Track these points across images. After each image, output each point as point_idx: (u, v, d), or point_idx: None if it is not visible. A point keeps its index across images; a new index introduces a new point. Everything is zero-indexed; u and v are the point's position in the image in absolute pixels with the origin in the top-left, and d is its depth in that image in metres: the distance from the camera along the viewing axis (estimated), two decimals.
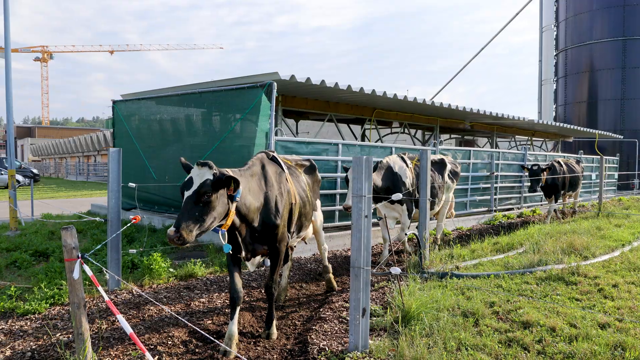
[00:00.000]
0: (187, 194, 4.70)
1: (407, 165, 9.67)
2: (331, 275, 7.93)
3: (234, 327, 5.37)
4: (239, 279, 5.57)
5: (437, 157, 10.94)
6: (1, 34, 13.47)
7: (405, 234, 9.66)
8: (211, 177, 4.66)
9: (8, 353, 5.22)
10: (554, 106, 44.98)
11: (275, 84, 9.74)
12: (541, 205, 19.77)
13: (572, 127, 25.34)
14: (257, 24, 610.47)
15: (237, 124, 10.68)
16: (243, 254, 5.52)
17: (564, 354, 5.07)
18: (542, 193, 19.95)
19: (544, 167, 15.16)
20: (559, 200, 16.78)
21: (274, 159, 6.30)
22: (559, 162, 16.01)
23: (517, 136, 28.04)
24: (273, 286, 5.84)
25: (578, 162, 17.47)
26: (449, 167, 10.87)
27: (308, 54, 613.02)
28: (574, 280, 7.79)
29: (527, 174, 15.86)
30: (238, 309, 5.50)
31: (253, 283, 8.15)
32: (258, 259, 5.80)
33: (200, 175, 4.67)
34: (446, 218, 11.84)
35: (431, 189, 9.35)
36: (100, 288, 4.12)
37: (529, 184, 15.50)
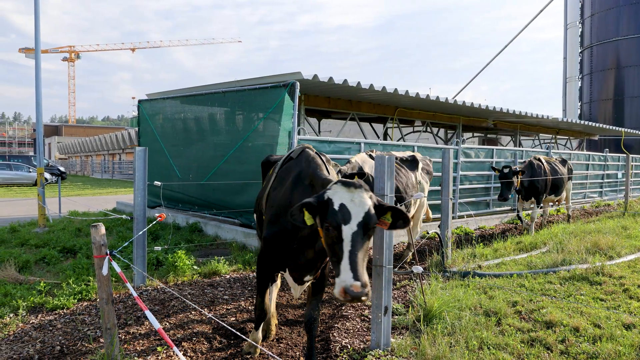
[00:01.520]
0: (351, 229, 3.53)
1: None
2: None
3: (259, 334, 5.35)
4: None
5: (408, 154, 9.83)
6: (32, 35, 13.71)
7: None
8: (372, 204, 3.68)
9: (38, 346, 5.35)
10: (579, 104, 44.49)
11: (298, 83, 9.80)
12: (559, 205, 19.57)
13: (597, 125, 25.02)
14: (279, 23, 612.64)
15: (260, 123, 10.76)
16: (298, 275, 4.69)
17: (588, 354, 5.06)
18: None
19: (517, 169, 12.45)
20: (550, 204, 15.72)
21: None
22: (539, 160, 13.56)
23: (541, 134, 27.77)
24: (317, 319, 4.80)
25: (563, 162, 14.87)
26: (420, 165, 9.84)
27: (330, 52, 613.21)
28: (598, 280, 7.74)
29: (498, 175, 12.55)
30: (263, 324, 5.46)
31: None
32: (308, 283, 4.93)
33: (359, 203, 3.60)
34: (423, 222, 10.88)
35: (403, 191, 8.47)
36: (128, 284, 4.23)
37: (499, 190, 12.51)
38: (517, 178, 12.38)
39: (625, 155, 21.74)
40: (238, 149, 11.25)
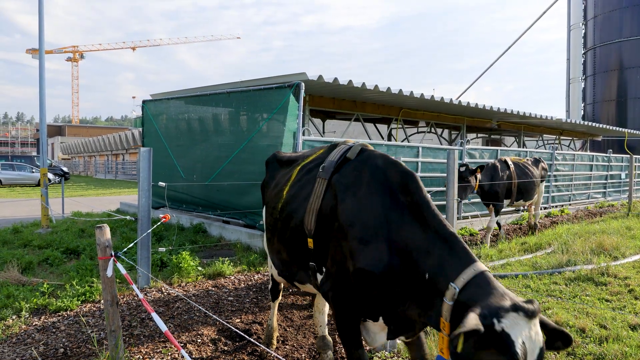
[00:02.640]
0: None
1: None
2: None
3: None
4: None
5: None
6: (36, 35, 13.71)
7: None
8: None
9: (42, 349, 5.32)
10: (582, 105, 44.45)
11: (303, 84, 9.77)
12: (570, 204, 19.53)
13: (600, 125, 24.97)
14: (283, 23, 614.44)
15: (265, 123, 10.73)
16: (394, 329, 3.52)
17: (594, 355, 5.02)
18: (561, 192, 19.68)
19: (474, 167, 11.10)
20: (515, 211, 15.04)
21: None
22: (504, 162, 12.00)
23: (544, 135, 27.72)
24: None
25: (536, 162, 13.14)
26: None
27: (334, 53, 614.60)
28: (603, 281, 7.70)
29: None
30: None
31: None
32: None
33: (536, 339, 2.57)
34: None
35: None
36: (134, 286, 4.19)
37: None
38: (475, 179, 11.10)
39: (628, 155, 21.67)
40: (242, 149, 11.22)
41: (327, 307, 4.96)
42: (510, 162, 12.11)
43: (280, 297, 5.52)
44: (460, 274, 2.80)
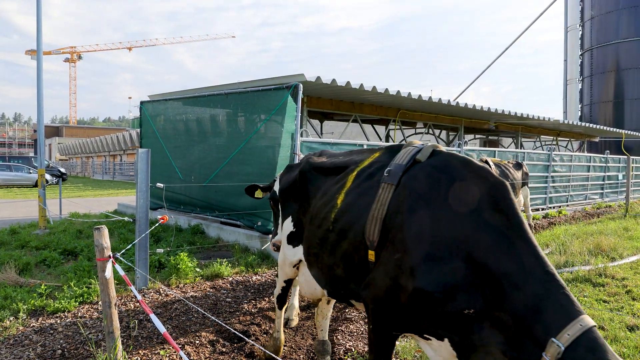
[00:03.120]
0: None
1: None
2: None
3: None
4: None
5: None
6: (34, 36, 13.69)
7: None
8: None
9: (39, 350, 5.30)
10: (580, 106, 44.53)
11: (301, 85, 9.77)
12: (567, 205, 19.56)
13: (598, 127, 25.05)
14: (282, 25, 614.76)
15: (263, 124, 10.73)
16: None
17: None
18: (559, 193, 19.68)
19: None
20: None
21: None
22: (486, 162, 11.27)
23: (542, 136, 27.76)
24: None
25: (518, 166, 13.01)
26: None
27: (333, 54, 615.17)
28: (601, 282, 7.72)
29: None
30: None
31: None
32: None
33: None
34: None
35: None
36: (132, 287, 4.19)
37: None
38: None
39: (625, 156, 21.72)
40: (240, 150, 11.22)
41: (330, 312, 4.93)
42: (491, 163, 11.72)
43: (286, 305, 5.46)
44: (565, 328, 2.41)
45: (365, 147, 11.70)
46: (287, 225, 4.61)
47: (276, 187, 5.36)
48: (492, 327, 2.67)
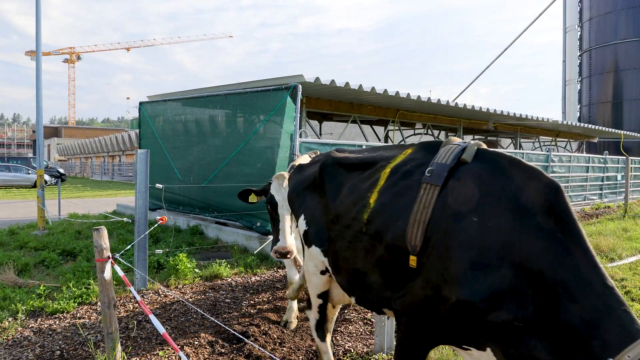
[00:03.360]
0: None
1: None
2: None
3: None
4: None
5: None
6: (34, 37, 13.70)
7: None
8: None
9: (38, 351, 5.30)
10: (578, 106, 44.57)
11: (300, 86, 9.77)
12: None
13: (596, 127, 25.08)
14: (281, 25, 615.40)
15: (262, 125, 10.73)
16: None
17: None
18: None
19: None
20: None
21: None
22: None
23: (541, 137, 27.79)
24: None
25: None
26: None
27: (332, 54, 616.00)
28: None
29: None
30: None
31: (277, 284, 8.19)
32: None
33: None
34: None
35: None
36: (131, 288, 4.19)
37: None
38: None
39: (624, 157, 21.73)
40: (239, 151, 11.22)
41: (336, 316, 4.73)
42: None
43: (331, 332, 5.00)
44: (625, 349, 2.22)
45: (364, 147, 11.69)
46: (302, 225, 4.23)
47: (274, 190, 5.34)
48: (542, 339, 2.49)
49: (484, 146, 3.14)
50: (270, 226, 5.69)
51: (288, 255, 5.08)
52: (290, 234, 5.25)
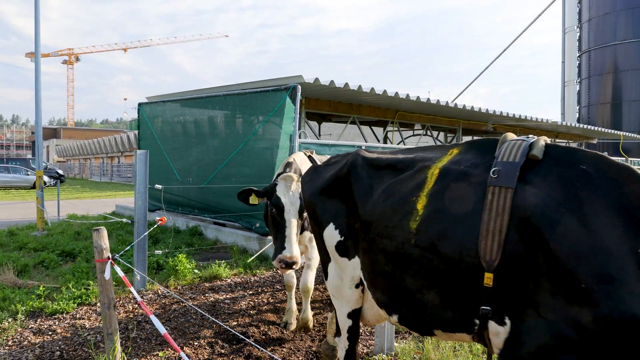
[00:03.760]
0: None
1: None
2: None
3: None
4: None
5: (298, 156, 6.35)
6: (33, 39, 13.71)
7: None
8: None
9: (37, 352, 5.30)
10: (578, 107, 44.58)
11: (299, 87, 9.78)
12: None
13: (596, 128, 25.05)
14: (281, 26, 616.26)
15: (261, 126, 10.74)
16: None
17: None
18: None
19: None
20: None
21: None
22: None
23: None
24: None
25: None
26: None
27: (331, 55, 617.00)
28: None
29: None
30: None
31: (277, 285, 8.19)
32: None
33: None
34: None
35: None
36: (132, 289, 4.19)
37: None
38: None
39: (624, 158, 21.75)
40: (238, 152, 11.22)
41: None
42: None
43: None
44: None
45: (364, 148, 11.66)
46: (332, 234, 3.67)
47: (281, 192, 4.93)
48: None
49: (548, 140, 2.85)
50: (271, 232, 5.24)
51: (294, 266, 4.68)
52: (297, 242, 4.90)
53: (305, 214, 4.96)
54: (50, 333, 5.86)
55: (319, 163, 6.21)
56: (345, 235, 3.59)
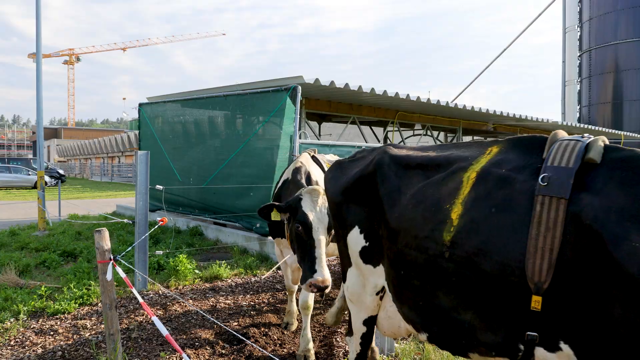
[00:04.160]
0: None
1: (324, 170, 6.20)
2: None
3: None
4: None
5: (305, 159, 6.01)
6: (33, 38, 13.74)
7: None
8: None
9: (39, 352, 5.32)
10: (578, 107, 44.57)
11: (299, 87, 9.79)
12: None
13: (596, 128, 25.08)
14: (280, 26, 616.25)
15: (262, 126, 10.76)
16: None
17: None
18: None
19: None
20: None
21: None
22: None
23: None
24: None
25: None
26: None
27: (331, 55, 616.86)
28: None
29: None
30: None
31: (277, 285, 8.21)
32: None
33: None
34: None
35: None
36: (134, 290, 4.21)
37: None
38: None
39: None
40: (239, 152, 11.24)
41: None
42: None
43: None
44: None
45: (364, 148, 11.66)
46: (356, 239, 3.39)
47: (307, 208, 4.47)
48: None
49: (607, 141, 2.48)
50: (295, 251, 4.65)
51: (326, 290, 4.23)
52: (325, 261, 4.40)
53: (332, 231, 4.43)
54: (51, 333, 5.88)
55: (322, 163, 6.21)
56: (370, 241, 3.28)
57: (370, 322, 3.56)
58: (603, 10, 40.67)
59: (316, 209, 4.48)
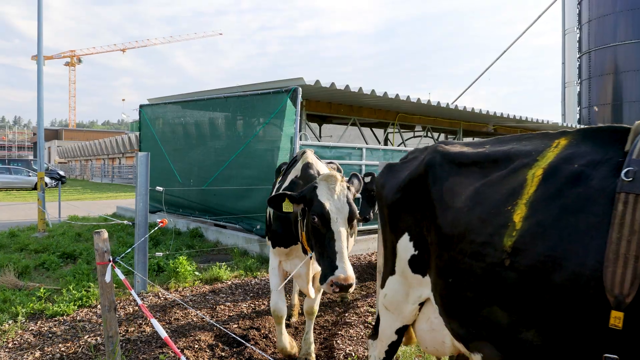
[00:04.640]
0: None
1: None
2: None
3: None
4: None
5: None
6: (34, 40, 13.73)
7: None
8: None
9: (37, 354, 5.30)
10: (578, 109, 44.54)
11: (300, 89, 9.78)
12: None
13: None
14: (280, 28, 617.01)
15: (262, 128, 10.74)
16: None
17: None
18: None
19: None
20: None
21: None
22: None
23: None
24: None
25: None
26: None
27: (331, 57, 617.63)
28: None
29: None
30: None
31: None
32: None
33: None
34: None
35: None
36: (133, 292, 4.18)
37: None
38: None
39: None
40: (239, 154, 11.22)
41: None
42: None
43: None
44: None
45: (364, 150, 11.67)
46: (406, 246, 3.13)
47: (324, 197, 4.00)
48: None
49: None
50: (312, 245, 4.15)
51: (350, 289, 3.67)
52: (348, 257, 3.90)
53: (354, 222, 4.14)
54: (50, 335, 5.86)
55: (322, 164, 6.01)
56: (420, 249, 3.03)
57: (403, 331, 3.35)
58: (602, 12, 40.64)
59: (334, 197, 4.01)
